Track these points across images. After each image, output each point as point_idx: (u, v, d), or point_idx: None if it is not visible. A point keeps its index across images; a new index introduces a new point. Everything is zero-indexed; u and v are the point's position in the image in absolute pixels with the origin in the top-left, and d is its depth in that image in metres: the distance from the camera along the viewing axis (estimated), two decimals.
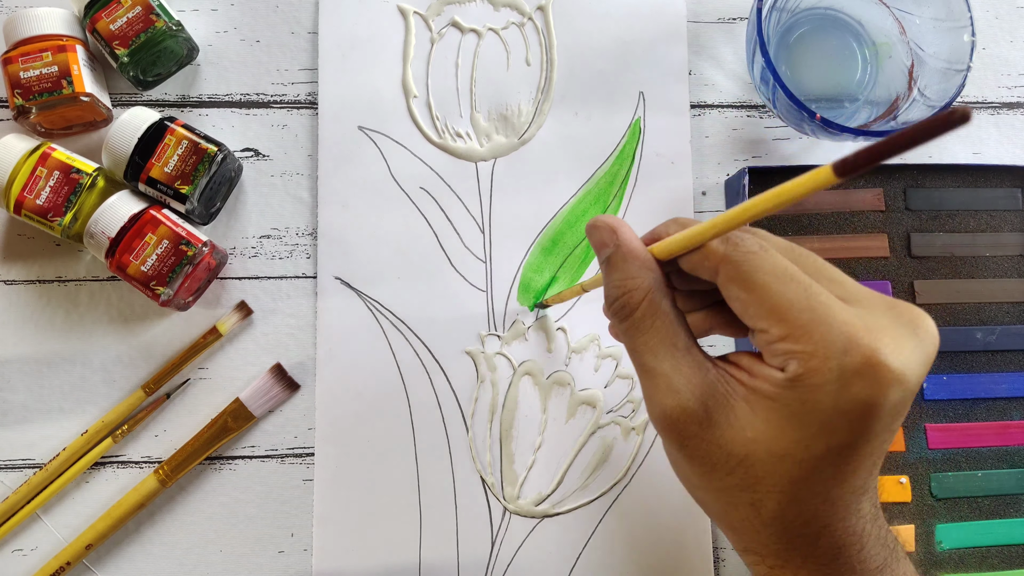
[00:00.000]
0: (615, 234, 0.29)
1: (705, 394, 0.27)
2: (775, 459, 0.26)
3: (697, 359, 0.28)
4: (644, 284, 0.28)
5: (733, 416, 0.26)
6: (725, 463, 0.27)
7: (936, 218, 0.48)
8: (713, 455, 0.27)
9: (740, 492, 0.27)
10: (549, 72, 0.48)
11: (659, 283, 0.28)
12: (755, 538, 0.28)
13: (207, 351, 0.45)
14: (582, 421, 0.45)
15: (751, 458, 0.26)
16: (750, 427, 0.26)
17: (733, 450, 0.26)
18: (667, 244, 0.28)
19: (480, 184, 0.47)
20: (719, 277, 0.27)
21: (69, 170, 0.42)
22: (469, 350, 0.46)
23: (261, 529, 0.44)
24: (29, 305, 0.45)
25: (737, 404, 0.26)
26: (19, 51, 0.43)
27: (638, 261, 0.28)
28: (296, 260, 0.46)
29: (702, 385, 0.27)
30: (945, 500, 0.45)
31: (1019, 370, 0.47)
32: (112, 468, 0.44)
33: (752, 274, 0.26)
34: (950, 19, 0.44)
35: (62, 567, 0.42)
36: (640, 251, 0.29)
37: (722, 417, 0.27)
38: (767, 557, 0.28)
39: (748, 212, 0.25)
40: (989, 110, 0.51)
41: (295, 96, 0.48)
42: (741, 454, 0.26)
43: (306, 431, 0.45)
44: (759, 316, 0.26)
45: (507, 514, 0.44)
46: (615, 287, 0.29)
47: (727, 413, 0.27)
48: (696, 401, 0.27)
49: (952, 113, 0.18)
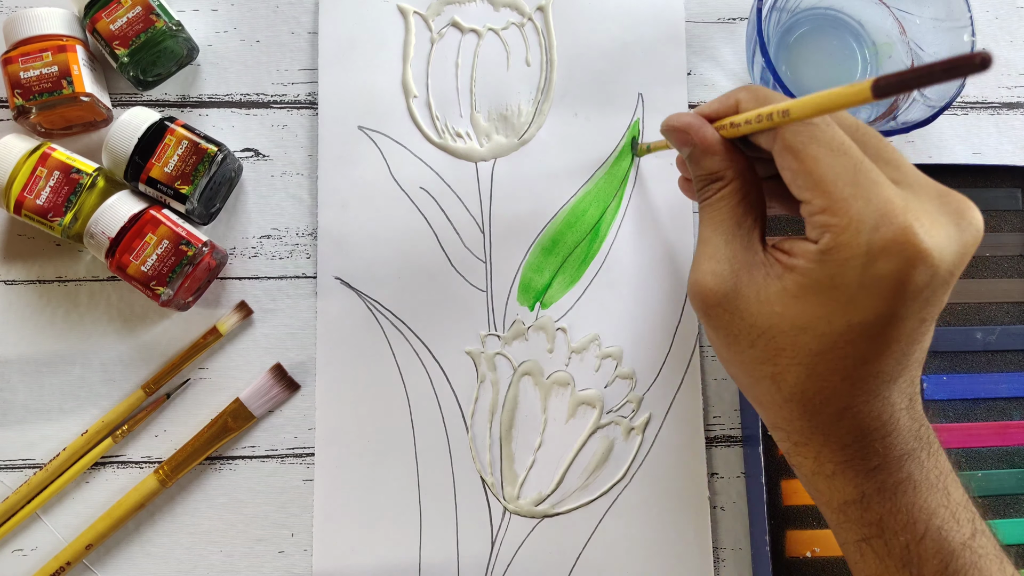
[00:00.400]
0: (688, 134, 0.30)
1: (741, 269, 0.28)
2: (797, 331, 0.26)
3: (751, 241, 0.29)
4: (726, 176, 0.29)
5: (763, 292, 0.27)
6: (747, 334, 0.28)
7: None
8: (735, 326, 0.28)
9: (761, 364, 0.28)
10: (549, 72, 0.48)
11: (740, 172, 0.29)
12: (779, 413, 0.28)
13: (207, 351, 0.45)
14: (582, 421, 0.45)
15: (773, 330, 0.27)
16: (778, 301, 0.27)
17: (756, 322, 0.27)
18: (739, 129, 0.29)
19: (480, 184, 0.47)
20: (775, 146, 0.27)
21: (69, 170, 0.42)
22: (469, 350, 0.46)
23: (261, 529, 0.44)
24: (29, 305, 0.45)
25: (770, 281, 0.27)
26: (19, 51, 0.43)
27: (717, 155, 0.30)
28: (296, 260, 0.46)
29: (743, 262, 0.28)
30: None
31: (1019, 370, 0.47)
32: (112, 468, 0.44)
33: (806, 144, 0.26)
34: (950, 19, 0.44)
35: (62, 567, 0.42)
36: (715, 144, 0.30)
37: (751, 291, 0.27)
38: (792, 434, 0.29)
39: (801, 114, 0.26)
40: (989, 110, 0.51)
41: (295, 96, 0.48)
42: (764, 326, 0.27)
43: (306, 431, 0.45)
44: (805, 186, 0.26)
45: (507, 514, 0.44)
46: (699, 179, 0.30)
47: (757, 288, 0.27)
48: (730, 273, 0.28)
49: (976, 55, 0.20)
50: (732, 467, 0.46)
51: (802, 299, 0.26)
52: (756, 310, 0.27)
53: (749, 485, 0.45)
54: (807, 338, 0.26)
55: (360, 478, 0.44)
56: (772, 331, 0.27)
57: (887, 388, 0.27)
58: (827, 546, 0.44)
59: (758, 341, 0.27)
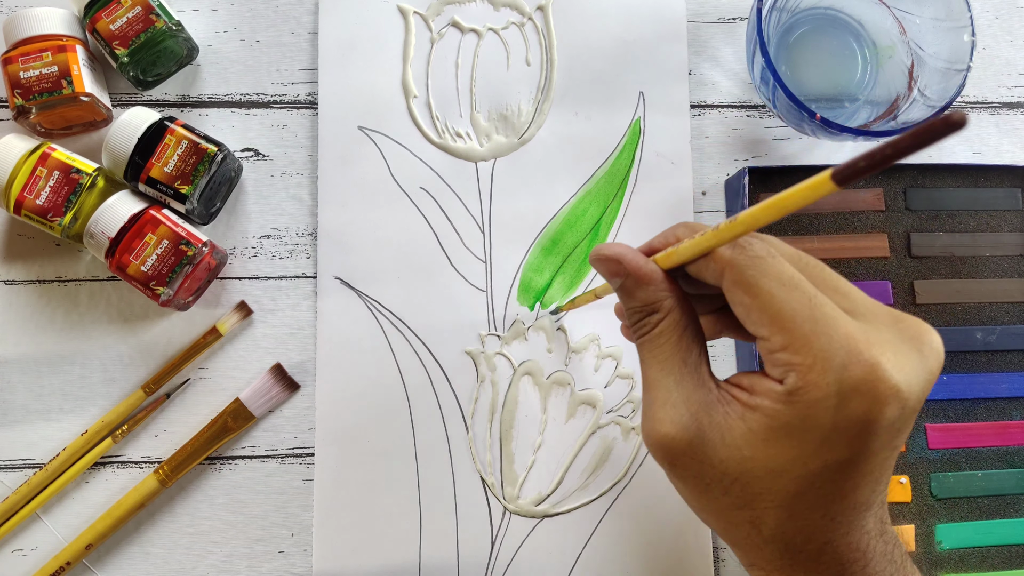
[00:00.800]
0: (620, 264, 0.29)
1: (700, 412, 0.27)
2: (772, 475, 0.26)
3: (701, 378, 0.27)
4: (663, 306, 0.28)
5: (729, 435, 0.26)
6: (719, 482, 0.27)
7: (936, 218, 0.48)
8: (706, 475, 0.27)
9: (738, 511, 0.27)
10: (549, 72, 0.48)
11: (677, 302, 0.28)
12: (758, 554, 0.28)
13: (207, 351, 0.45)
14: (582, 421, 0.45)
15: (747, 475, 0.26)
16: (747, 445, 0.26)
17: (727, 469, 0.26)
18: (675, 254, 0.28)
19: (480, 184, 0.47)
20: (724, 281, 0.27)
21: (69, 170, 0.42)
22: (469, 350, 0.46)
23: (261, 529, 0.44)
24: (29, 305, 0.45)
25: (734, 423, 0.26)
26: (19, 51, 0.43)
27: (652, 285, 0.28)
28: (296, 260, 0.46)
29: (700, 403, 0.27)
30: (945, 500, 0.46)
31: (1019, 370, 0.47)
32: (112, 468, 0.44)
33: (757, 279, 0.26)
34: (950, 19, 0.44)
35: (62, 567, 0.42)
36: (651, 274, 0.28)
37: (716, 436, 0.26)
38: (772, 573, 0.28)
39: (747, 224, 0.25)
40: (989, 110, 0.51)
41: (295, 96, 0.48)
42: (736, 472, 0.26)
43: (306, 431, 0.45)
44: (761, 323, 0.25)
45: (507, 514, 0.44)
46: (634, 312, 0.29)
47: (722, 432, 0.26)
48: (689, 418, 0.27)
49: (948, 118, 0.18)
50: None
51: (772, 442, 0.25)
52: (725, 455, 0.26)
53: None
54: (784, 481, 0.26)
55: (360, 478, 0.44)
56: (746, 476, 0.26)
57: (863, 517, 0.27)
58: None
59: (732, 487, 0.26)
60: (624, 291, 0.29)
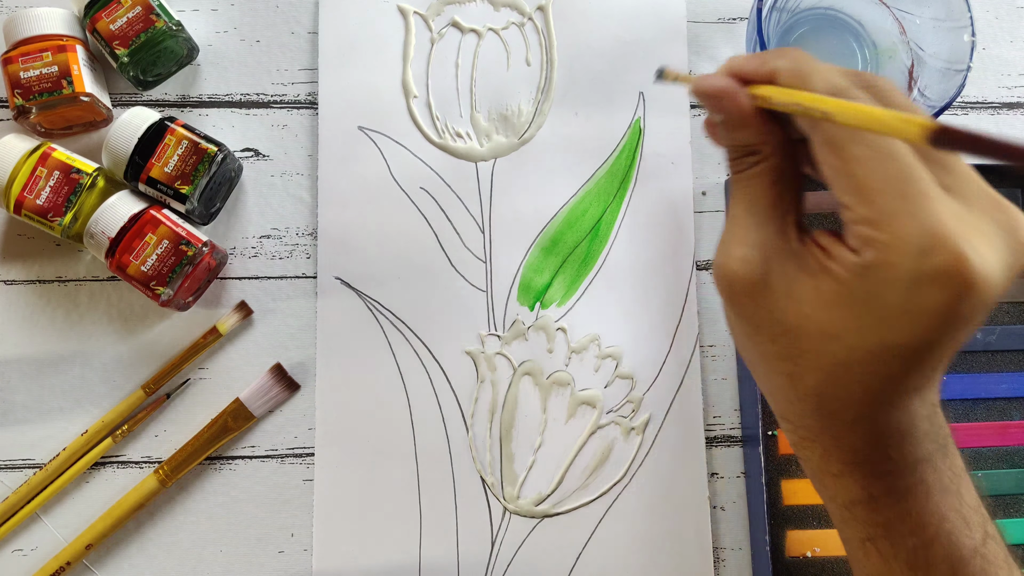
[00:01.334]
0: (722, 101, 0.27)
1: (773, 258, 0.26)
2: (825, 338, 0.25)
3: (786, 227, 0.26)
4: (763, 151, 0.27)
5: (795, 287, 0.25)
6: (770, 329, 0.26)
7: None
8: (760, 319, 0.26)
9: (780, 361, 0.26)
10: (549, 72, 0.48)
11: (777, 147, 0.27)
12: (789, 407, 0.27)
13: (207, 351, 0.45)
14: (582, 421, 0.45)
15: (799, 331, 0.25)
16: (808, 303, 0.25)
17: (782, 319, 0.25)
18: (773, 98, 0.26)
19: (480, 184, 0.47)
20: (815, 135, 0.25)
21: (69, 170, 0.42)
22: (469, 350, 0.46)
23: (261, 529, 0.44)
24: (29, 305, 0.45)
25: (803, 278, 0.25)
26: (19, 51, 0.43)
27: (752, 128, 0.27)
28: (296, 260, 0.46)
29: (776, 250, 0.26)
30: None
31: (1019, 370, 0.47)
32: (112, 468, 0.44)
33: (848, 143, 0.24)
34: (950, 19, 0.44)
35: (62, 567, 0.42)
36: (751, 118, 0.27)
37: (782, 286, 0.25)
38: (799, 428, 0.27)
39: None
40: (989, 110, 0.51)
41: (295, 96, 0.48)
42: (790, 324, 0.25)
43: (306, 431, 0.45)
44: (846, 190, 0.24)
45: (507, 514, 0.44)
46: (734, 149, 0.28)
47: (789, 283, 0.25)
48: (761, 261, 0.26)
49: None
50: (732, 467, 0.46)
51: (835, 308, 0.24)
52: (784, 306, 0.25)
53: (749, 485, 0.45)
54: (834, 347, 0.24)
55: (360, 478, 0.44)
56: (797, 331, 0.25)
57: (910, 399, 0.26)
58: (827, 546, 0.44)
59: (780, 338, 0.26)
60: (725, 127, 0.28)
